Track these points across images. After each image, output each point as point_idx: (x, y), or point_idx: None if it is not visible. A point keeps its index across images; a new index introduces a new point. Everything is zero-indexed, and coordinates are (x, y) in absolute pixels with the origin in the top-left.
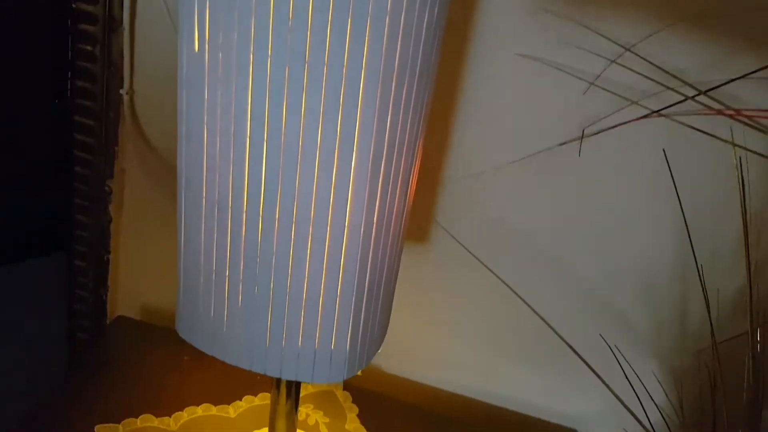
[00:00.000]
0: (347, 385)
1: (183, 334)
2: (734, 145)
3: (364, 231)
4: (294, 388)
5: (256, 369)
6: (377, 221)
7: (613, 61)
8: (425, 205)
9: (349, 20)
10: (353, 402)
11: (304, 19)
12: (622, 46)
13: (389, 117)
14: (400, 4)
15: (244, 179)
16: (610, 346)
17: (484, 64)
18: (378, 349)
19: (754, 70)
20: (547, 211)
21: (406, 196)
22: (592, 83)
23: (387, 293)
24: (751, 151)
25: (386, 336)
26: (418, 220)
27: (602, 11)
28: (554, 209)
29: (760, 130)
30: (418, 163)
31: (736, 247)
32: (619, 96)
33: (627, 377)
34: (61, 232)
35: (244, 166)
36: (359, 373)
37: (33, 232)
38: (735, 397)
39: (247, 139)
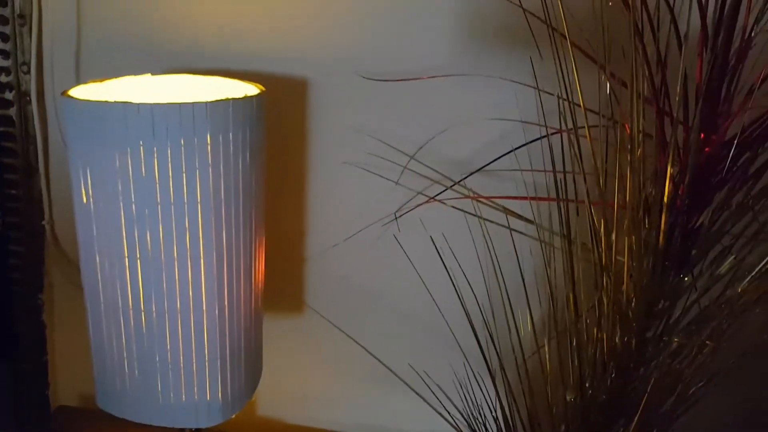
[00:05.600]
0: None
1: (101, 406)
2: (480, 217)
3: (218, 313)
4: None
5: (155, 422)
6: (228, 306)
7: (404, 167)
8: (293, 286)
9: (183, 174)
10: None
11: (152, 177)
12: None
13: (224, 233)
14: (217, 159)
15: (127, 286)
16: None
17: (319, 171)
18: (248, 399)
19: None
20: (391, 275)
21: (251, 284)
22: (396, 182)
23: (249, 357)
24: (488, 220)
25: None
26: (288, 302)
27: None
28: (396, 274)
29: (494, 207)
30: (260, 260)
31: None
32: (410, 189)
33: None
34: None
35: (126, 277)
36: (233, 416)
37: None
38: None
39: (126, 259)
